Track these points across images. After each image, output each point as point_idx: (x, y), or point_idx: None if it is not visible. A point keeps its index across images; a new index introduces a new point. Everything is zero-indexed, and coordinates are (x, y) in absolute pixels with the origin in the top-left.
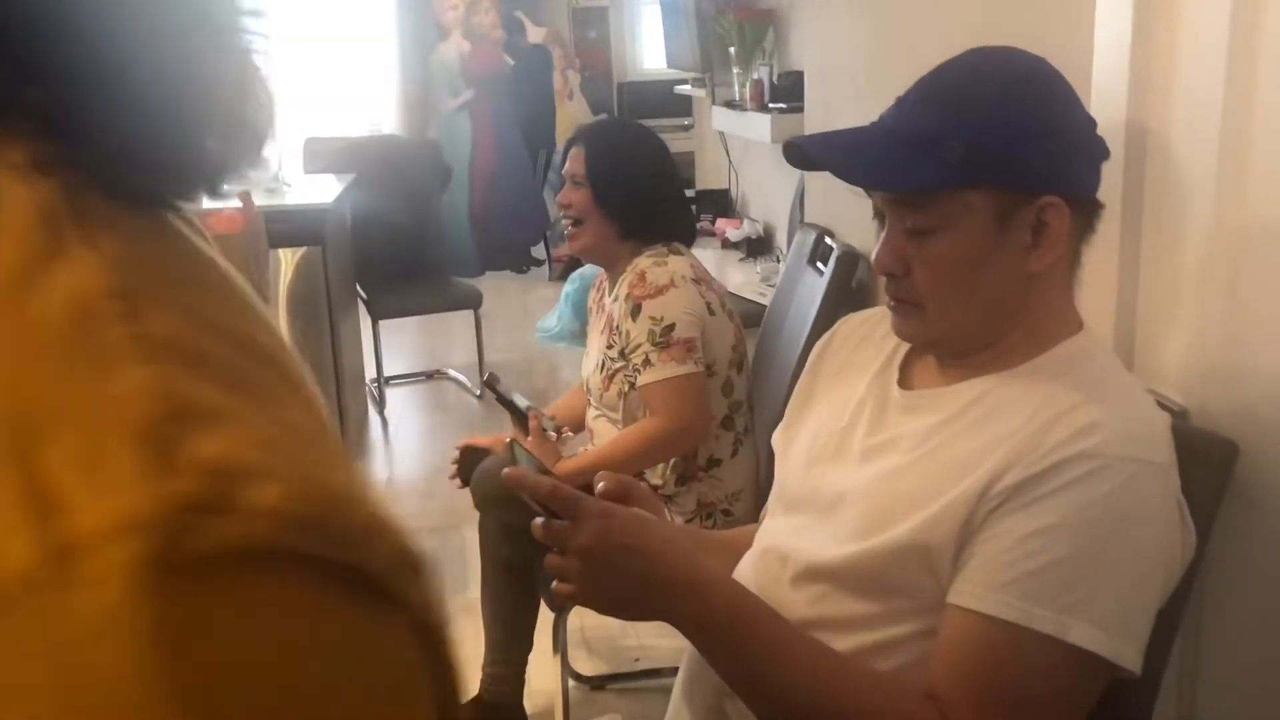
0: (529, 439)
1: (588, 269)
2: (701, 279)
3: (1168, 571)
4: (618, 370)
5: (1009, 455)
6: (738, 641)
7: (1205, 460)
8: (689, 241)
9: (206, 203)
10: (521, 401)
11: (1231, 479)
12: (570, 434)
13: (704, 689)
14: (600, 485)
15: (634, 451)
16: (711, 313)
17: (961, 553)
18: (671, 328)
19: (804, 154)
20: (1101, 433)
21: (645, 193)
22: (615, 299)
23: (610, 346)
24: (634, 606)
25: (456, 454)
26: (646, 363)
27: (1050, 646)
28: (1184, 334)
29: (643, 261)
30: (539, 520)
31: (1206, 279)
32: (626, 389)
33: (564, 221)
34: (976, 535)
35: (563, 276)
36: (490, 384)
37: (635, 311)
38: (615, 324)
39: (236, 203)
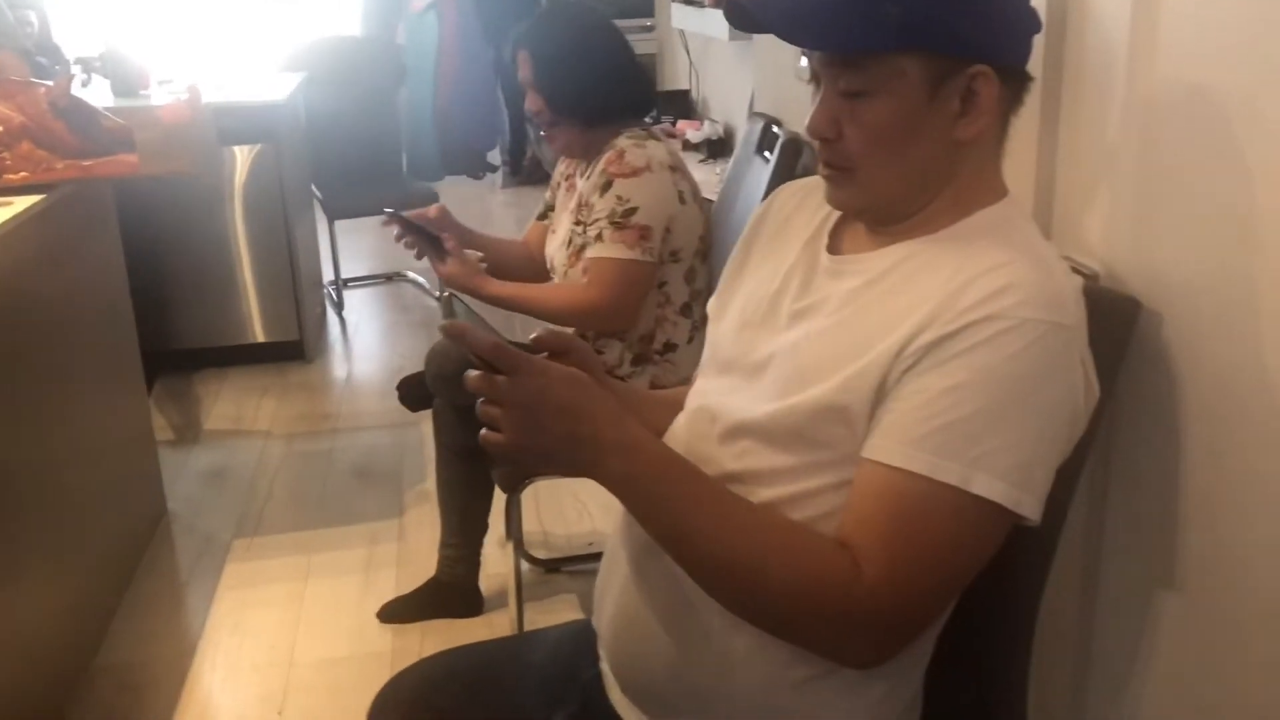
0: (450, 259)
1: None
2: (677, 166)
3: (1070, 427)
4: (583, 246)
5: (925, 316)
6: (661, 498)
7: (1110, 316)
8: (650, 108)
9: (155, 97)
10: (432, 228)
11: (1134, 333)
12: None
13: (638, 534)
14: (535, 334)
15: (558, 308)
16: (683, 201)
17: (877, 410)
18: (633, 211)
19: (744, 13)
20: (1013, 295)
21: (598, 84)
22: (588, 176)
23: (578, 223)
24: (563, 463)
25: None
26: (599, 237)
27: (955, 496)
28: (1099, 201)
29: (622, 141)
30: (473, 372)
31: (1120, 146)
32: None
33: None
34: (891, 393)
35: (520, 183)
36: (394, 216)
37: (606, 186)
38: (585, 200)
39: (184, 94)
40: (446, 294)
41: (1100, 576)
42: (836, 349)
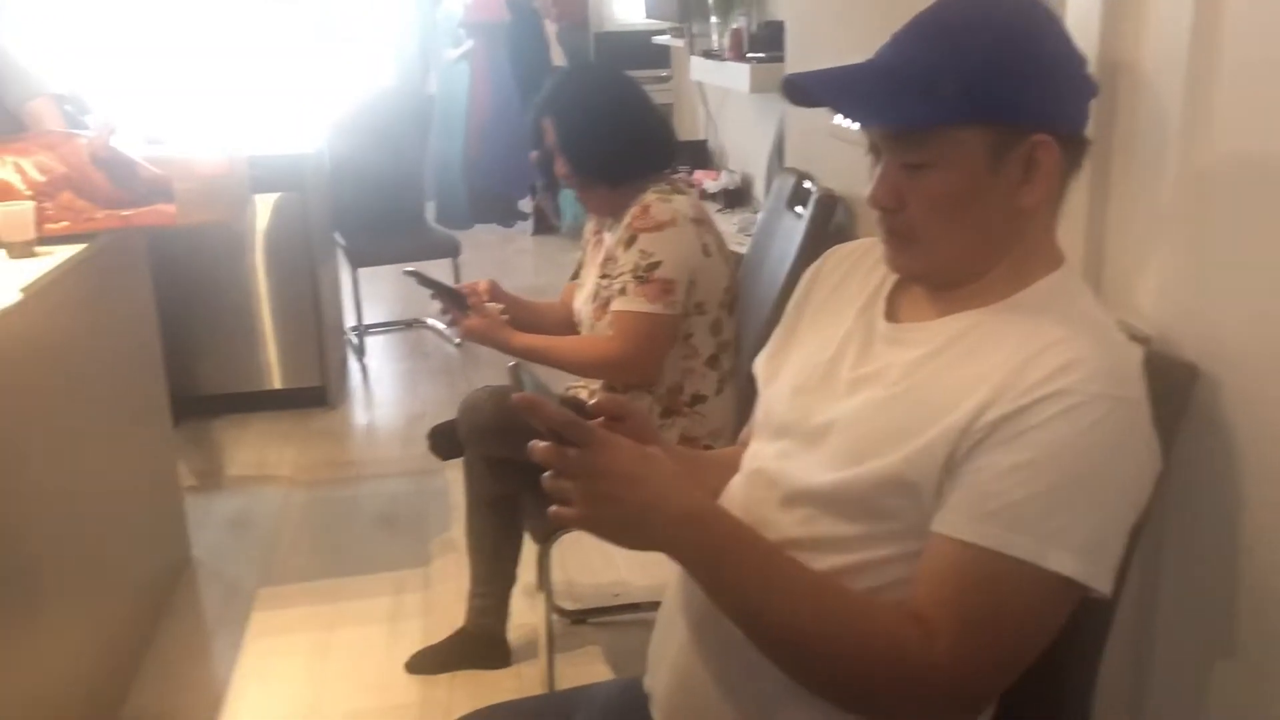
0: (473, 315)
1: None
2: (702, 219)
3: (1138, 498)
4: (608, 300)
5: (991, 392)
6: (732, 569)
7: (1166, 382)
8: (673, 160)
9: (187, 147)
10: (452, 284)
11: (1191, 400)
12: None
13: (698, 599)
14: (595, 400)
15: (583, 360)
16: (707, 254)
17: (944, 484)
18: (656, 265)
19: (802, 91)
20: (1079, 370)
21: (620, 145)
22: (614, 230)
23: (604, 276)
24: (635, 535)
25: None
26: (623, 291)
27: (1029, 572)
28: (1151, 264)
29: (649, 196)
30: (541, 444)
31: (1173, 211)
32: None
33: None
34: (959, 468)
35: (545, 231)
36: (416, 275)
37: (630, 241)
38: (610, 254)
39: (221, 146)
40: (513, 364)
41: (1155, 647)
42: (900, 421)
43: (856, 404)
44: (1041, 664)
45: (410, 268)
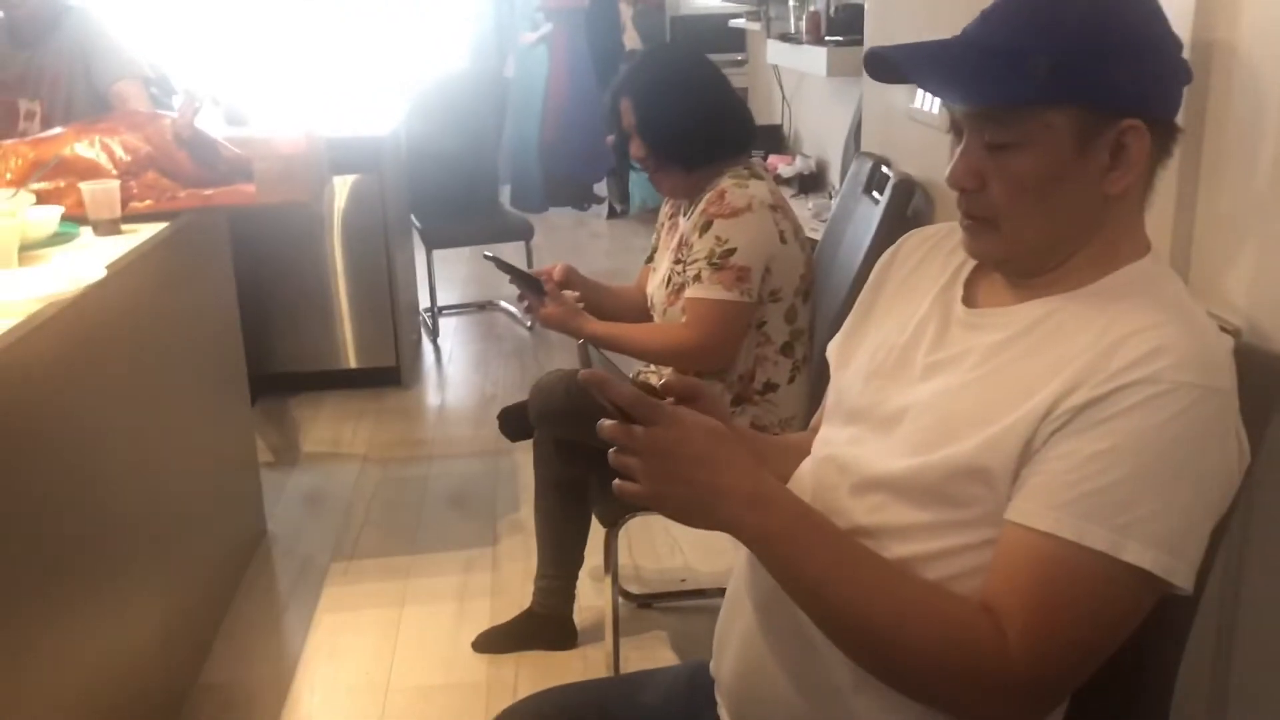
0: (549, 300)
1: None
2: (779, 205)
3: (1223, 494)
4: (682, 285)
5: (1073, 377)
6: (800, 554)
7: (1258, 375)
8: (751, 144)
9: (267, 128)
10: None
11: None
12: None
13: (764, 583)
14: (666, 380)
15: (656, 347)
16: (783, 241)
17: (1021, 472)
18: (731, 252)
19: (885, 64)
20: (1166, 358)
21: (698, 128)
22: (689, 215)
23: (678, 262)
24: (700, 515)
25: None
26: (697, 277)
27: (1105, 564)
28: (1243, 255)
29: (725, 181)
30: (608, 421)
31: (1269, 200)
32: None
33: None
34: (1038, 455)
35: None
36: (495, 260)
37: (706, 227)
38: (685, 239)
39: (300, 125)
40: (582, 341)
41: (1237, 649)
42: (978, 407)
43: (932, 389)
44: (1119, 663)
45: (489, 252)
